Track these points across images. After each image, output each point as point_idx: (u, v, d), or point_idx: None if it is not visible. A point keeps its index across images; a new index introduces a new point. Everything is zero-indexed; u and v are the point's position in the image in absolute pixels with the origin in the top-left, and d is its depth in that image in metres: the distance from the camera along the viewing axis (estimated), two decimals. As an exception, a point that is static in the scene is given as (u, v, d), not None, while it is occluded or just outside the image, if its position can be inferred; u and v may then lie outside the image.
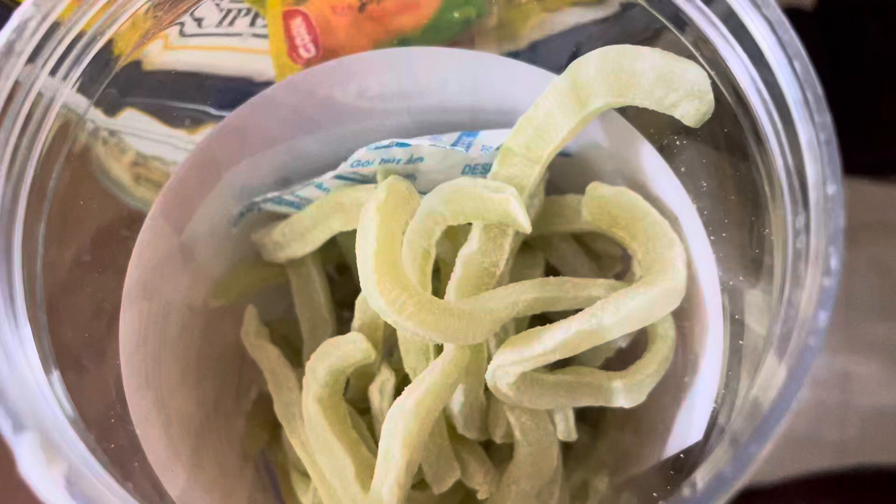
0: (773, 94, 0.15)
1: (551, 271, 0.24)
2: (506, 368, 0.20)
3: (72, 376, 0.15)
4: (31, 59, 0.15)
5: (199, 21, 0.23)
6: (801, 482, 0.43)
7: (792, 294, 0.13)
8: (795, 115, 0.14)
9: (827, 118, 0.13)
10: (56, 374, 0.14)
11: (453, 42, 0.25)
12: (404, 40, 0.25)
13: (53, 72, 0.16)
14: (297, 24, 0.24)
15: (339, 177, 0.23)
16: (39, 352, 0.14)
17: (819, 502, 0.42)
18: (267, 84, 0.23)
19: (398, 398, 0.20)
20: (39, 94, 0.15)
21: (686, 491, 0.12)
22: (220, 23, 0.23)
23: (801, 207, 0.14)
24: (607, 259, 0.25)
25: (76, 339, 0.17)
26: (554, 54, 0.23)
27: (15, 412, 0.11)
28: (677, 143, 0.20)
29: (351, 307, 0.27)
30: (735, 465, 0.12)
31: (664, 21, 0.17)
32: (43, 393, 0.13)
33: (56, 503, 0.11)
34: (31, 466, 0.11)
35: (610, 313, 0.19)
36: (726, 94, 0.17)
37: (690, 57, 0.17)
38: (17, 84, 0.14)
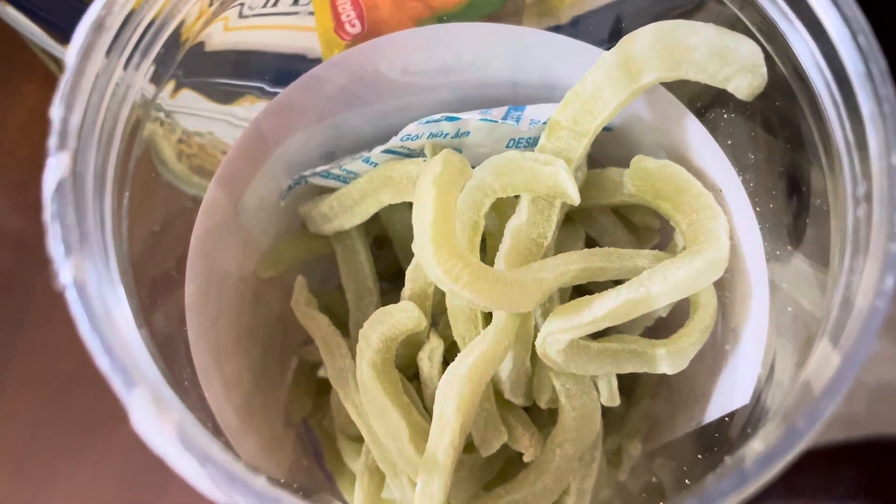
0: (832, 68, 0.15)
1: (591, 244, 0.25)
2: (556, 335, 0.21)
3: (155, 337, 0.16)
4: (108, 52, 0.15)
5: (246, 3, 0.23)
6: (818, 452, 0.44)
7: (853, 261, 0.14)
8: (857, 88, 0.14)
9: (890, 91, 0.14)
10: (146, 332, 0.15)
11: (494, 17, 0.26)
12: (445, 16, 0.25)
13: (127, 64, 0.16)
14: (343, 2, 0.25)
15: (386, 151, 0.23)
16: (132, 311, 0.14)
17: (838, 472, 0.43)
18: (318, 61, 0.24)
19: (451, 364, 0.21)
20: (117, 84, 0.16)
21: (735, 463, 0.13)
22: (266, 3, 0.24)
23: (861, 178, 0.14)
24: (645, 232, 0.26)
25: (154, 302, 0.17)
26: (596, 29, 0.24)
27: (125, 369, 0.12)
28: (724, 116, 0.20)
29: (390, 279, 0.28)
30: (782, 447, 0.13)
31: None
32: (141, 351, 0.14)
33: (168, 454, 0.12)
34: (144, 420, 0.12)
35: (657, 282, 0.20)
36: (781, 67, 0.17)
37: (743, 28, 0.18)
38: (97, 76, 0.15)
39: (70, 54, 0.14)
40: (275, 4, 0.25)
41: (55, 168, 0.13)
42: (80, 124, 0.14)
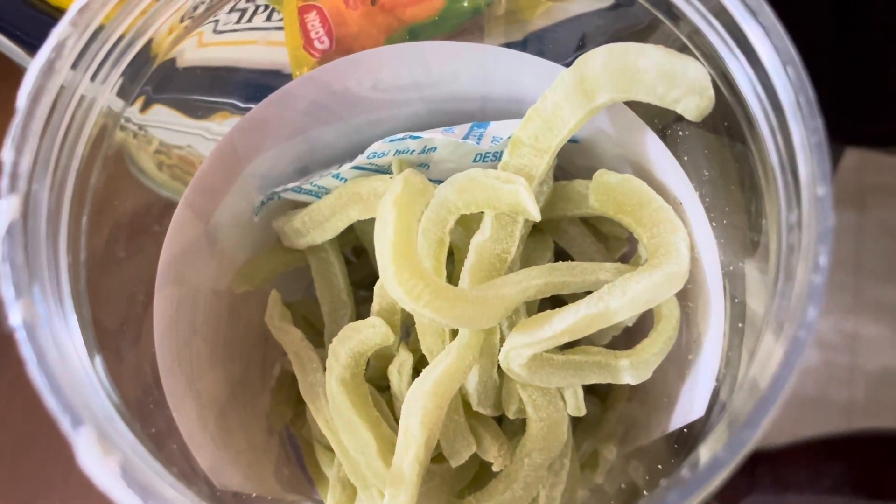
0: (769, 95, 0.15)
1: (560, 254, 0.25)
2: (518, 350, 0.21)
3: (114, 363, 0.16)
4: (74, 65, 0.16)
5: (221, 19, 0.24)
6: (808, 445, 0.44)
7: (785, 286, 0.14)
8: (790, 117, 0.15)
9: (818, 122, 0.14)
10: (99, 360, 0.15)
11: (462, 30, 0.26)
12: (414, 30, 0.26)
13: (94, 77, 0.17)
14: (312, 18, 0.25)
15: (355, 167, 0.24)
16: (84, 340, 0.15)
17: (824, 464, 0.43)
18: (291, 76, 0.24)
19: (417, 379, 0.21)
20: (82, 97, 0.16)
21: (685, 471, 0.13)
22: (240, 19, 0.24)
23: (794, 204, 0.15)
24: (614, 241, 0.26)
25: (116, 327, 0.18)
26: (559, 44, 0.24)
27: (72, 408, 0.13)
28: (680, 132, 0.21)
29: (368, 288, 0.28)
30: (731, 446, 0.13)
31: (662, 17, 0.18)
32: (92, 384, 0.14)
33: (112, 491, 0.12)
34: (90, 459, 0.12)
35: (616, 297, 0.20)
36: (724, 91, 0.17)
37: (689, 52, 0.18)
38: (61, 89, 0.15)
39: (21, 98, 0.14)
40: (249, 20, 0.25)
41: (5, 211, 0.13)
42: (30, 166, 0.14)
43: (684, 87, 0.18)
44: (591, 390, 0.29)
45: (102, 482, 0.12)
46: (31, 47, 0.28)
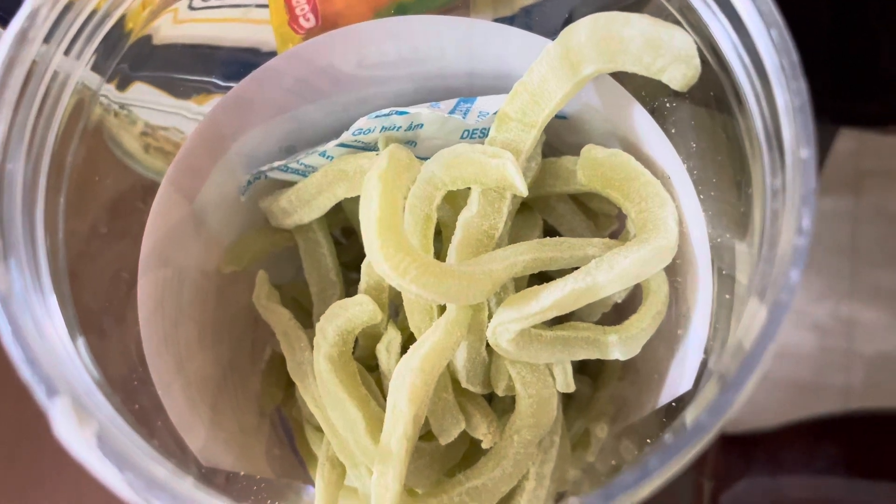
0: (753, 61, 0.15)
1: (549, 231, 0.25)
2: (506, 326, 0.21)
3: (96, 342, 0.16)
4: (46, 39, 0.15)
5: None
6: (802, 426, 0.44)
7: (769, 252, 0.14)
8: (773, 81, 0.14)
9: (802, 84, 0.14)
10: (81, 341, 0.15)
11: (449, 7, 0.26)
12: (402, 6, 0.25)
13: (67, 51, 0.16)
14: (297, -5, 0.25)
15: (341, 145, 0.24)
16: (65, 320, 0.15)
17: (819, 446, 0.43)
18: (272, 54, 0.24)
19: (404, 356, 0.21)
20: (55, 73, 0.16)
21: (668, 436, 0.13)
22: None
23: (778, 169, 0.15)
24: (603, 217, 0.26)
25: (98, 307, 0.18)
26: (548, 19, 0.24)
27: (48, 378, 0.13)
28: (667, 105, 0.20)
29: (357, 269, 0.28)
30: (718, 405, 0.13)
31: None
32: (71, 359, 0.14)
33: (89, 460, 0.12)
34: (65, 428, 0.12)
35: (604, 271, 0.20)
36: (710, 60, 0.17)
37: (676, 22, 0.18)
38: (34, 64, 0.15)
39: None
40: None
41: (-22, 183, 0.13)
42: (4, 137, 0.14)
43: (670, 55, 0.18)
44: (582, 370, 0.29)
45: (78, 453, 0.12)
46: (3, 21, 0.27)
